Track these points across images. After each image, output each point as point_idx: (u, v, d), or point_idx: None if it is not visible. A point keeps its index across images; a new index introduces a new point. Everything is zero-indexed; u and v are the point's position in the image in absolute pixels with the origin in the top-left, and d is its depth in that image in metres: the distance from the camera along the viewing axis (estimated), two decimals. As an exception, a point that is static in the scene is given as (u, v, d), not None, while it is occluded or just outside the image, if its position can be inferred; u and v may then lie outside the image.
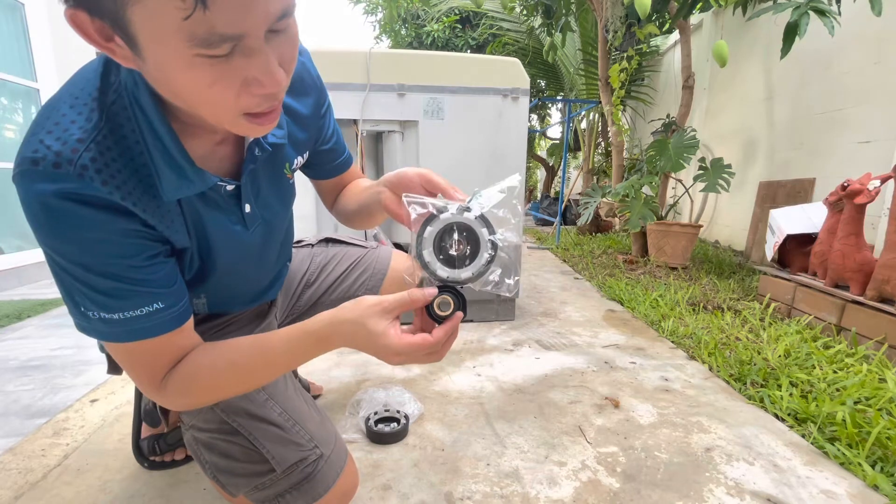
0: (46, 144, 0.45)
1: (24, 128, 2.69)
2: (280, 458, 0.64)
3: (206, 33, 0.37)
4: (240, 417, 0.65)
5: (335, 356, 1.52)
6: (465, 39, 6.50)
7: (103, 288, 0.49)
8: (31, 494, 0.85)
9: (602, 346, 1.65)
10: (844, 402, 1.11)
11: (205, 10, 0.36)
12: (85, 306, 0.49)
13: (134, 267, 0.50)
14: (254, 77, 0.42)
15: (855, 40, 2.49)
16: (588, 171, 5.90)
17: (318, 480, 0.65)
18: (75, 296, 0.49)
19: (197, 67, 0.40)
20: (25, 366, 1.44)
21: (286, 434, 0.66)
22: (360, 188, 0.81)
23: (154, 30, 0.38)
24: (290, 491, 0.64)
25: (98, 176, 0.46)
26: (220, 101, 0.43)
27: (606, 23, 3.21)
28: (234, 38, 0.39)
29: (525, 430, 1.08)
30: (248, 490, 0.65)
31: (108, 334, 0.51)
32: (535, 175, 10.44)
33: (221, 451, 0.66)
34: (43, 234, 0.47)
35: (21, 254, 2.55)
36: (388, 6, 6.22)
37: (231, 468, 0.66)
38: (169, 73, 0.41)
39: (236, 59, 0.41)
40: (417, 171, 0.66)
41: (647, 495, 0.86)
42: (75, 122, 0.46)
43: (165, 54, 0.39)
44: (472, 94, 1.67)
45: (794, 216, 2.01)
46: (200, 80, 0.41)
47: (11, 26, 2.54)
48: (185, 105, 0.46)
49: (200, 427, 0.68)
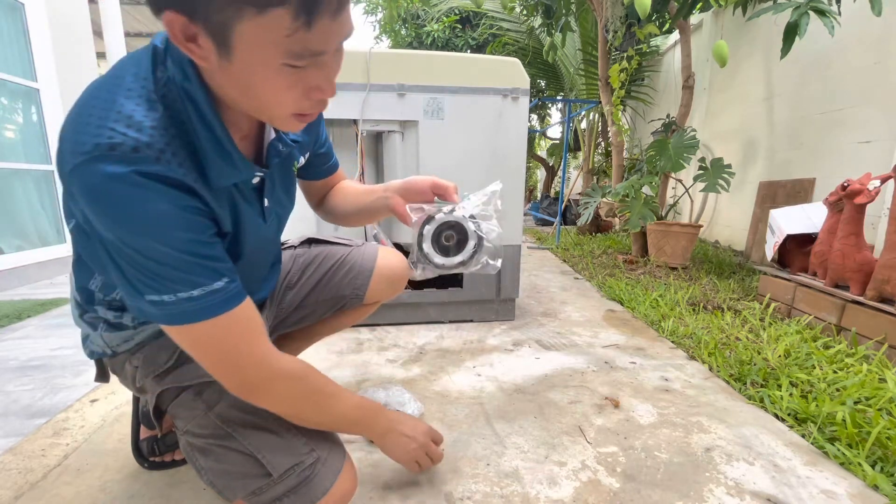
0: (120, 132, 0.47)
1: (24, 128, 2.69)
2: (275, 463, 0.64)
3: (300, 49, 0.46)
4: (235, 423, 0.66)
5: (335, 356, 1.52)
6: (465, 39, 6.49)
7: (183, 265, 0.51)
8: (31, 494, 0.85)
9: (602, 346, 1.65)
10: (844, 402, 1.11)
11: (307, 31, 0.45)
12: (166, 288, 0.51)
13: (204, 243, 0.53)
14: (317, 85, 0.51)
15: (855, 40, 2.49)
16: (588, 171, 5.90)
17: (315, 484, 0.65)
18: (155, 281, 0.51)
19: (281, 74, 0.48)
20: (25, 366, 1.44)
21: (281, 439, 0.66)
22: (359, 191, 0.87)
23: (256, 42, 0.45)
24: (288, 495, 0.64)
25: (174, 159, 0.50)
26: (286, 103, 0.51)
27: (606, 23, 3.21)
28: (319, 54, 0.48)
29: (525, 430, 1.08)
30: (245, 495, 0.65)
31: (195, 312, 0.53)
32: (535, 175, 10.43)
33: (217, 457, 0.66)
34: (119, 220, 0.48)
35: (21, 254, 2.55)
36: (388, 6, 6.22)
37: (227, 473, 0.65)
38: (253, 76, 0.48)
39: (311, 69, 0.49)
40: (427, 179, 0.77)
41: (647, 495, 0.86)
42: (140, 112, 0.49)
43: (257, 61, 0.46)
44: (472, 94, 1.67)
45: (794, 216, 2.01)
46: (280, 84, 0.49)
47: (11, 26, 2.54)
48: (248, 102, 0.52)
49: (195, 433, 0.67)
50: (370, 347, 1.60)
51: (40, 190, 2.72)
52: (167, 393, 0.70)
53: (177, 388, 0.69)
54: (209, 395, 0.67)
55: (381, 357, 1.52)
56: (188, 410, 0.68)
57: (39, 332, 1.75)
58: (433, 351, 1.58)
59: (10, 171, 2.53)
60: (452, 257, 0.71)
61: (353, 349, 1.58)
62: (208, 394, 0.67)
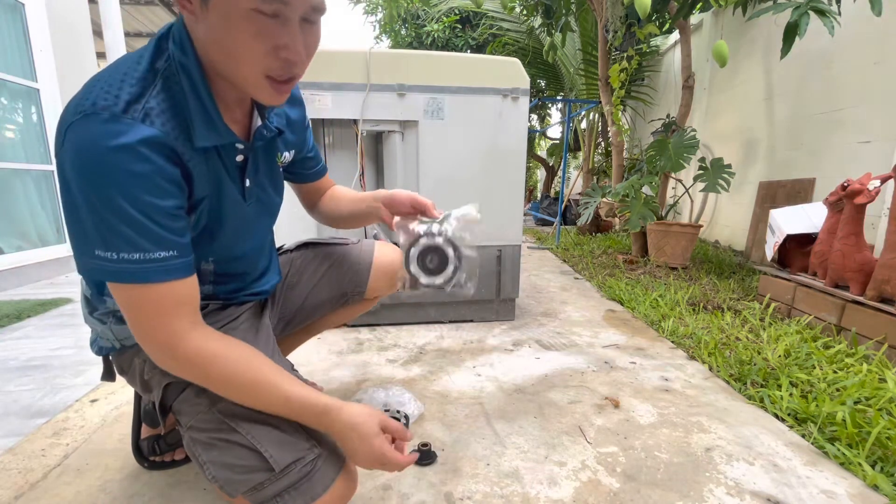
0: (113, 94, 0.54)
1: (25, 128, 2.69)
2: (278, 458, 0.64)
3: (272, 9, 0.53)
4: (238, 417, 0.66)
5: (335, 356, 1.52)
6: (465, 39, 6.49)
7: (136, 227, 0.55)
8: (31, 494, 0.85)
9: (602, 346, 1.65)
10: (844, 402, 1.12)
11: None
12: (113, 245, 0.54)
13: (165, 212, 0.57)
14: (284, 44, 0.56)
15: (855, 40, 2.49)
16: (588, 171, 5.90)
17: (317, 480, 0.65)
18: (106, 234, 0.54)
19: (249, 20, 0.54)
20: (25, 366, 1.44)
21: (284, 434, 0.66)
22: (351, 198, 0.95)
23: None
24: (289, 490, 0.64)
25: (158, 120, 0.56)
26: (255, 57, 0.56)
27: (606, 23, 3.21)
28: (282, 5, 0.54)
29: (525, 430, 1.08)
30: (247, 491, 0.65)
31: (129, 274, 0.56)
32: (535, 175, 10.43)
33: (220, 451, 0.67)
34: (95, 171, 0.53)
35: (21, 254, 2.55)
36: (388, 6, 6.22)
37: (229, 468, 0.66)
38: (227, 21, 0.54)
39: (277, 24, 0.55)
40: (408, 194, 0.87)
41: (647, 495, 0.86)
42: (132, 84, 0.56)
43: (230, 8, 0.53)
44: (472, 94, 1.67)
45: (794, 216, 2.01)
46: (248, 31, 0.54)
47: (11, 26, 2.54)
48: (224, 59, 0.58)
49: (199, 428, 0.68)
50: (370, 347, 1.60)
51: (40, 190, 2.72)
52: (172, 388, 0.71)
53: (182, 383, 0.70)
54: (211, 394, 0.68)
55: (381, 357, 1.52)
56: (192, 406, 0.69)
57: (39, 332, 1.75)
58: (433, 351, 1.58)
59: (10, 171, 2.53)
60: (434, 278, 0.80)
61: (353, 349, 1.58)
62: (210, 393, 0.68)
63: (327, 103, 1.58)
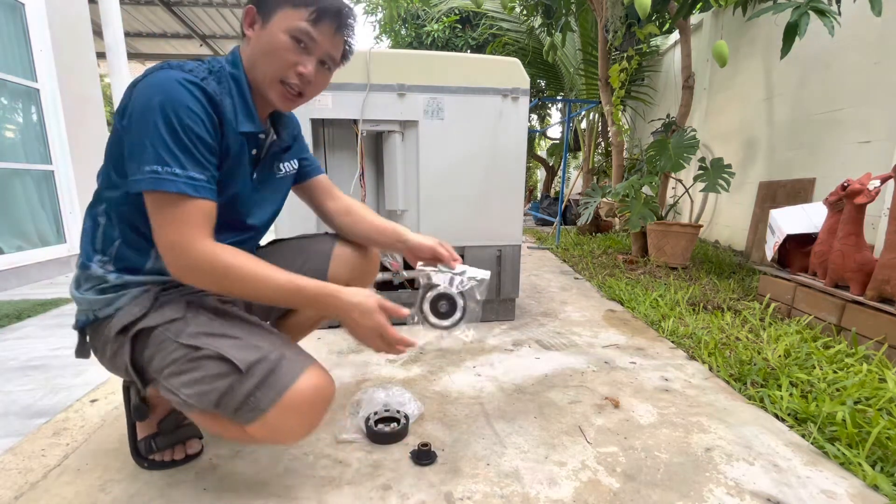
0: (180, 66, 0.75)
1: (24, 128, 2.69)
2: (241, 357, 0.72)
3: (304, 31, 0.77)
4: (201, 335, 0.75)
5: (335, 356, 1.52)
6: (465, 39, 6.49)
7: (184, 149, 0.70)
8: (31, 494, 0.85)
9: (602, 346, 1.65)
10: (844, 402, 1.11)
11: (312, 25, 0.78)
12: (164, 160, 0.69)
13: (206, 144, 0.73)
14: (302, 63, 0.79)
15: (855, 40, 2.49)
16: (588, 171, 5.90)
17: (284, 373, 0.72)
18: (160, 151, 0.69)
19: (286, 41, 0.77)
20: (25, 366, 1.44)
21: (245, 342, 0.75)
22: (373, 225, 1.04)
23: (283, 19, 0.77)
24: (259, 387, 0.72)
25: (212, 84, 0.76)
26: (281, 64, 0.78)
27: (606, 23, 3.21)
28: (312, 41, 0.79)
29: (525, 430, 1.08)
30: (220, 398, 0.72)
31: (174, 183, 0.69)
32: (535, 175, 10.43)
33: (190, 371, 0.74)
34: (160, 95, 0.69)
35: (21, 254, 2.55)
36: (388, 6, 6.22)
37: (200, 381, 0.73)
38: (272, 37, 0.77)
39: (303, 51, 0.79)
40: (429, 245, 0.99)
41: (647, 495, 0.86)
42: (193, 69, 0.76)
43: (278, 27, 0.77)
44: (472, 94, 1.67)
45: (794, 216, 2.01)
46: (283, 45, 0.77)
47: (11, 26, 2.54)
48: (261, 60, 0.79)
49: (169, 364, 0.76)
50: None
51: (40, 190, 2.72)
52: (139, 341, 0.78)
53: (147, 330, 0.78)
54: (174, 330, 0.77)
55: (380, 357, 1.52)
56: (159, 350, 0.77)
57: (39, 332, 1.75)
58: (433, 351, 1.58)
59: (10, 171, 2.53)
60: (442, 321, 0.93)
61: (353, 349, 1.58)
62: (174, 330, 0.77)
63: (327, 103, 1.58)
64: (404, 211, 1.74)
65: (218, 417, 0.77)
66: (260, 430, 0.74)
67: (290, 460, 0.95)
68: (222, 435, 0.82)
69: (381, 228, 1.04)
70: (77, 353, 0.86)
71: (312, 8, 0.78)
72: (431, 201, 1.74)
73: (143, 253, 0.81)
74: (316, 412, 0.76)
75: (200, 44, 6.99)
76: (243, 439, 0.81)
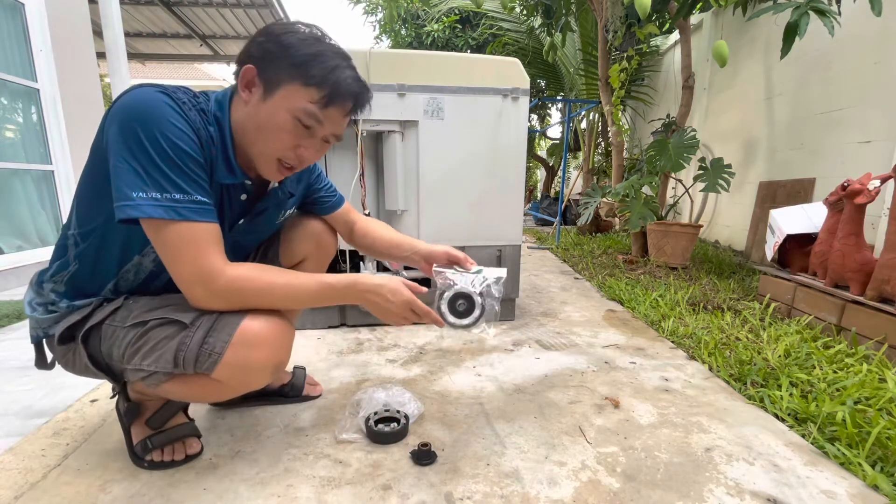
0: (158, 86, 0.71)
1: (24, 128, 2.69)
2: (184, 316, 0.75)
3: (311, 114, 0.74)
4: (146, 314, 0.77)
5: (335, 356, 1.52)
6: (465, 39, 6.49)
7: (178, 171, 0.67)
8: (31, 494, 0.85)
9: (602, 346, 1.65)
10: (844, 402, 1.11)
11: (322, 108, 0.74)
12: (161, 186, 0.66)
13: (199, 164, 0.71)
14: (305, 146, 0.77)
15: (855, 40, 2.49)
16: (588, 171, 5.90)
17: (228, 318, 0.75)
18: (156, 177, 0.66)
19: (289, 121, 0.74)
20: (25, 366, 1.44)
21: (185, 305, 0.77)
22: (389, 241, 1.08)
23: (290, 97, 0.72)
24: (209, 334, 0.74)
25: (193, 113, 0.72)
26: (279, 145, 0.75)
27: (606, 23, 3.21)
28: (319, 123, 0.75)
29: (525, 430, 1.08)
30: (175, 354, 0.74)
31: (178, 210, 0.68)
32: (535, 175, 10.43)
33: (142, 344, 0.76)
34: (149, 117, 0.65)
35: (21, 254, 2.55)
36: (388, 6, 6.22)
37: (154, 348, 0.75)
38: (273, 116, 0.73)
39: (306, 132, 0.76)
40: (444, 250, 1.02)
41: (647, 495, 0.86)
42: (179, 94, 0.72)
43: (282, 107, 0.73)
44: (472, 94, 1.67)
45: (794, 216, 2.01)
46: (285, 127, 0.74)
47: (11, 26, 2.54)
48: (253, 134, 0.75)
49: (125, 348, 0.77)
50: (370, 347, 1.60)
51: (40, 190, 2.72)
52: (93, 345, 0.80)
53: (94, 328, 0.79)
54: (120, 319, 0.79)
55: (381, 357, 1.52)
56: (115, 341, 0.78)
57: (39, 332, 1.74)
58: (433, 351, 1.58)
59: (10, 171, 2.53)
60: (462, 319, 0.94)
61: (353, 349, 1.58)
62: (119, 319, 0.79)
63: (327, 103, 1.58)
64: (404, 211, 1.74)
65: (189, 380, 0.79)
66: (225, 374, 0.76)
67: (290, 460, 0.95)
68: (204, 399, 0.85)
69: (396, 243, 1.07)
70: (37, 366, 0.89)
71: (326, 91, 0.72)
72: (431, 201, 1.73)
73: (103, 280, 0.82)
74: (274, 345, 0.77)
75: (200, 44, 6.99)
76: (223, 394, 0.82)
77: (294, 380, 1.20)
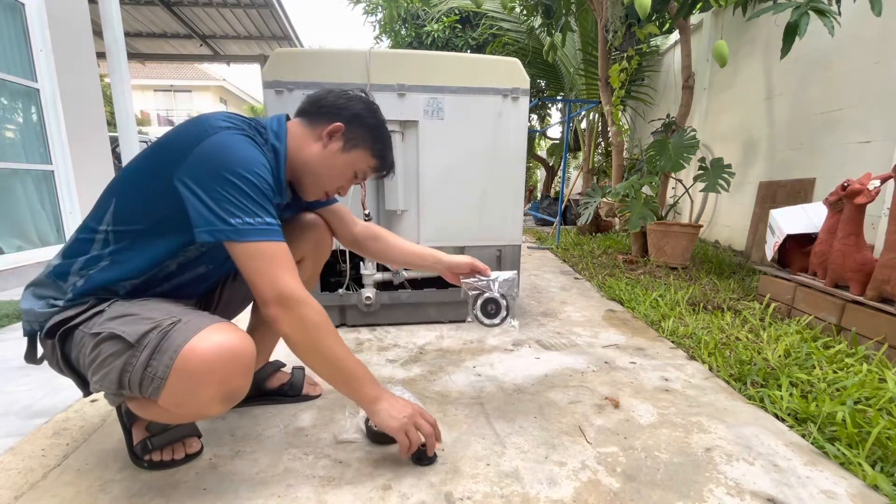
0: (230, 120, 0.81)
1: (24, 128, 2.68)
2: (131, 331, 0.71)
3: (364, 174, 0.98)
4: (106, 323, 0.75)
5: (335, 356, 1.51)
6: (465, 39, 6.49)
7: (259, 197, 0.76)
8: (31, 494, 0.85)
9: (602, 346, 1.65)
10: (844, 402, 1.11)
11: (372, 172, 0.98)
12: (254, 213, 0.75)
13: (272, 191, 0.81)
14: (346, 188, 0.98)
15: (855, 40, 2.49)
16: (588, 171, 5.90)
17: (175, 337, 0.70)
18: (238, 207, 0.74)
19: (346, 174, 0.95)
20: (25, 366, 1.43)
21: (140, 317, 0.74)
22: (409, 251, 1.16)
23: (357, 158, 0.94)
24: (154, 356, 0.70)
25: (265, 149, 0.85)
26: (335, 184, 0.95)
27: (606, 23, 3.21)
28: (362, 178, 0.99)
29: (525, 430, 1.08)
30: (119, 375, 0.71)
31: (253, 232, 0.75)
32: (535, 175, 10.43)
33: (94, 357, 0.74)
34: (235, 156, 0.75)
35: (21, 254, 2.55)
36: (388, 6, 6.22)
37: (102, 365, 0.73)
38: (336, 165, 0.92)
39: (353, 182, 0.97)
40: (467, 262, 1.15)
41: (647, 495, 0.86)
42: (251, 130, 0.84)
43: (347, 162, 0.93)
44: (472, 94, 1.67)
45: (794, 216, 2.01)
46: (341, 176, 0.95)
47: (11, 26, 2.54)
48: (309, 169, 0.91)
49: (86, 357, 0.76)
50: (370, 347, 1.60)
51: (40, 190, 2.72)
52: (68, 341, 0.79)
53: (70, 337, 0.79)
54: (90, 324, 0.76)
55: (381, 357, 1.52)
56: (81, 348, 0.76)
57: (39, 332, 1.74)
58: (433, 351, 1.58)
59: (10, 171, 2.53)
60: (493, 320, 1.15)
61: (353, 349, 1.58)
62: (89, 324, 0.76)
63: (327, 103, 1.58)
64: (404, 211, 1.74)
65: (142, 402, 0.76)
66: (170, 402, 0.71)
67: (290, 460, 0.95)
68: (162, 419, 0.82)
69: (418, 253, 1.16)
70: (26, 359, 0.89)
71: (381, 164, 0.96)
72: (431, 201, 1.73)
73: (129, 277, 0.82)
74: (221, 371, 0.71)
75: (200, 44, 6.98)
76: (180, 419, 0.82)
77: (293, 379, 1.20)
